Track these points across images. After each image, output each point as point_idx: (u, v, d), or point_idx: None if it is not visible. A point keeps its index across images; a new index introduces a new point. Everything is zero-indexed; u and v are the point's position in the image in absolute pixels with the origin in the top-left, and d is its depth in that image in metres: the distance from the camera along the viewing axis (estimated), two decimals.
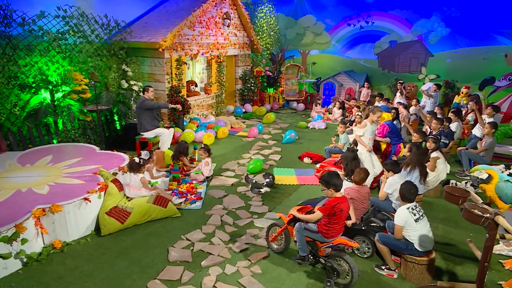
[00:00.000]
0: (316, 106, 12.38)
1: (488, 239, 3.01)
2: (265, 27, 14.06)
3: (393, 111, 8.11)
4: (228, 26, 11.29)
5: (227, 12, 11.13)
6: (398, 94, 11.26)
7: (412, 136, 6.65)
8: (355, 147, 5.96)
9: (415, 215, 3.74)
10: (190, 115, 10.22)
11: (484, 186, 3.02)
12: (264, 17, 14.00)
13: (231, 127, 10.37)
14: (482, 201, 3.32)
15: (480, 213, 2.92)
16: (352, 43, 13.59)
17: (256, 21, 13.91)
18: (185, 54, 9.73)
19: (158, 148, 7.57)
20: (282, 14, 14.62)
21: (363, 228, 4.29)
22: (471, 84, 11.74)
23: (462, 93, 10.57)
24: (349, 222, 4.34)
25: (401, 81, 11.73)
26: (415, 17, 12.34)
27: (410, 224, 3.73)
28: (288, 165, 7.55)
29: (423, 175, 5.11)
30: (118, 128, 8.68)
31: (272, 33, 14.35)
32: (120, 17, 9.05)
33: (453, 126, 8.27)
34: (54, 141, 7.34)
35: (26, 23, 6.97)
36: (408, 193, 3.76)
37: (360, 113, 9.27)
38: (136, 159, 5.41)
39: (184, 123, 9.65)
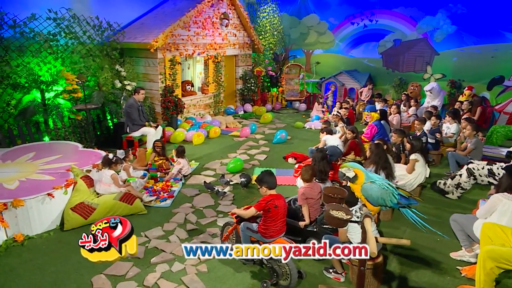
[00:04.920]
0: (318, 104, 12.19)
1: (361, 242, 2.88)
2: (268, 27, 14.01)
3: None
4: (226, 26, 11.32)
5: (225, 12, 11.17)
6: (402, 106, 10.68)
7: (392, 136, 6.47)
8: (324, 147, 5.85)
9: (358, 217, 3.62)
10: (185, 115, 10.33)
11: (352, 186, 2.88)
12: (267, 17, 13.96)
13: (226, 127, 10.40)
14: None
15: (343, 215, 2.80)
16: (355, 42, 13.31)
17: (259, 21, 13.88)
18: (180, 54, 9.84)
19: (145, 148, 7.70)
20: (286, 14, 14.53)
21: (315, 230, 4.21)
22: (479, 84, 11.25)
23: (464, 94, 10.17)
24: (302, 223, 4.28)
25: (406, 93, 11.32)
26: (420, 14, 11.93)
27: (353, 226, 3.61)
28: (271, 165, 7.49)
29: (389, 174, 4.96)
30: (111, 126, 8.89)
31: (275, 32, 14.28)
32: (119, 19, 9.28)
33: (452, 127, 7.98)
34: (45, 139, 7.61)
35: (17, 25, 7.27)
36: (351, 197, 3.63)
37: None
38: (110, 155, 5.53)
39: (178, 122, 9.78)
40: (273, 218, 3.60)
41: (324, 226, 4.23)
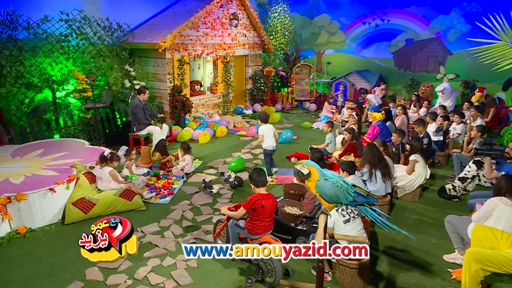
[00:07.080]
0: (329, 104, 12.14)
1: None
2: (279, 27, 14.02)
3: (383, 111, 7.80)
4: (236, 26, 11.41)
5: (234, 13, 11.27)
6: (412, 106, 10.52)
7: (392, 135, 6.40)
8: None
9: (344, 216, 3.63)
10: (193, 114, 10.47)
11: (306, 183, 2.87)
12: (278, 17, 13.98)
13: (234, 126, 10.49)
14: None
15: (297, 210, 2.78)
16: (367, 42, 13.18)
17: (270, 21, 13.92)
18: (188, 55, 9.98)
19: (150, 146, 7.86)
20: (298, 14, 14.52)
21: (305, 228, 4.22)
22: (493, 84, 10.96)
23: (475, 96, 9.93)
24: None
25: (416, 93, 11.15)
26: (433, 13, 11.71)
27: (339, 225, 3.63)
28: None
29: (386, 174, 4.92)
30: (120, 125, 9.11)
31: (286, 33, 14.29)
32: (130, 20, 9.51)
33: (458, 128, 7.84)
34: (56, 136, 7.89)
35: (30, 27, 7.56)
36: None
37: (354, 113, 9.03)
38: (105, 152, 5.70)
39: (186, 122, 9.93)
40: (259, 217, 3.64)
41: (314, 225, 4.25)
